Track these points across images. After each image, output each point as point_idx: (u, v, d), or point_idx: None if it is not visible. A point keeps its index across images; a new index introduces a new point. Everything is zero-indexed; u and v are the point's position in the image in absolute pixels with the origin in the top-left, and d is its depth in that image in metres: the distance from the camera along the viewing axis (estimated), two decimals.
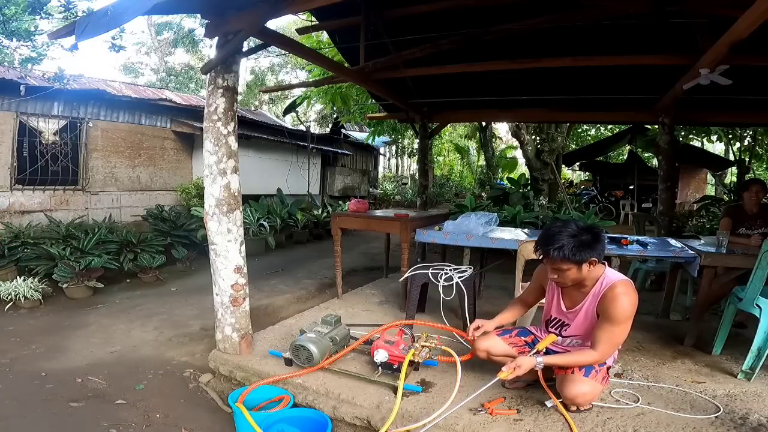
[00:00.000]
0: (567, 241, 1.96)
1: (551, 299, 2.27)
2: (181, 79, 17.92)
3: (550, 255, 1.99)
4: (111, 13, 1.86)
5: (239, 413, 2.12)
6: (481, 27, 3.66)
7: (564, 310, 2.21)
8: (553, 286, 2.24)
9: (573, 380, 2.06)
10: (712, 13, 2.94)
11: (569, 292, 2.19)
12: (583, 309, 2.13)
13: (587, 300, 2.11)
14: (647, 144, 9.19)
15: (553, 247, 1.97)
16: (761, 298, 2.54)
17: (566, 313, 2.21)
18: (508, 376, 1.99)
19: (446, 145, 18.94)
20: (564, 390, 2.07)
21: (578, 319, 2.15)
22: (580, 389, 2.03)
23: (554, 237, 1.99)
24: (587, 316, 2.13)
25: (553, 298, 2.26)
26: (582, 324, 2.15)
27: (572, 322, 2.18)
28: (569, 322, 2.20)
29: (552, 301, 2.27)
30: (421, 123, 6.08)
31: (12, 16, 5.30)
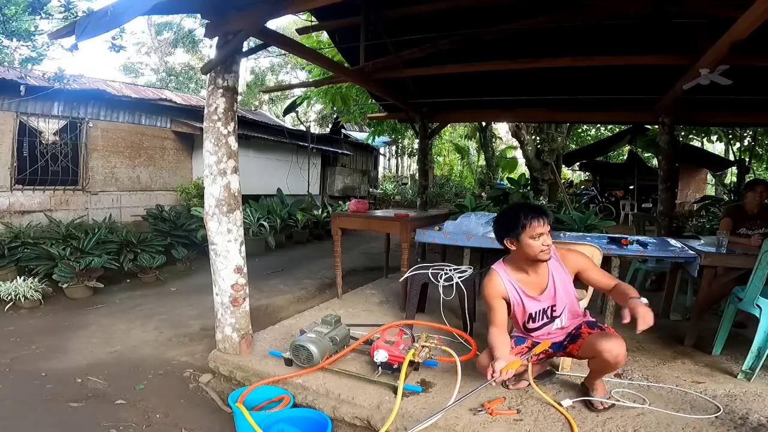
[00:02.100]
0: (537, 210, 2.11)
1: (519, 302, 2.22)
2: (181, 79, 17.93)
3: (549, 218, 2.08)
4: (111, 13, 1.86)
5: (239, 413, 2.12)
6: (481, 27, 3.66)
7: (539, 297, 2.20)
8: (516, 290, 2.20)
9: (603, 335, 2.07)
10: (712, 13, 2.94)
11: (530, 282, 2.21)
12: (557, 282, 2.18)
13: (552, 274, 2.19)
14: (647, 144, 9.20)
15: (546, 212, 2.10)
16: (761, 298, 2.54)
17: (543, 299, 2.20)
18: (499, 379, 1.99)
19: (446, 145, 18.94)
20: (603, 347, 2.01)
21: (558, 294, 2.19)
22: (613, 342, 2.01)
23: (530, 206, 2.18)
24: (565, 286, 2.20)
25: (521, 301, 2.21)
26: (564, 296, 2.21)
27: (556, 300, 2.20)
28: (553, 302, 2.21)
29: (521, 303, 2.21)
30: (421, 123, 6.08)
31: (12, 16, 5.30)
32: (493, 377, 1.96)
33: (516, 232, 2.08)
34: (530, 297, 2.20)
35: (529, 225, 2.03)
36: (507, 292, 2.20)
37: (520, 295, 2.20)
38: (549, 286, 2.18)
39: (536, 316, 2.23)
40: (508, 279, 2.21)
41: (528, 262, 2.16)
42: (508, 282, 2.21)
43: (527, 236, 2.05)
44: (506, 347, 2.16)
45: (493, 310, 2.23)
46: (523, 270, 2.20)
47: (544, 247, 2.07)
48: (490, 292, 2.23)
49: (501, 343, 2.15)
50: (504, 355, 2.08)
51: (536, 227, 2.03)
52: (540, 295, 2.20)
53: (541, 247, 2.06)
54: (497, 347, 2.13)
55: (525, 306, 2.21)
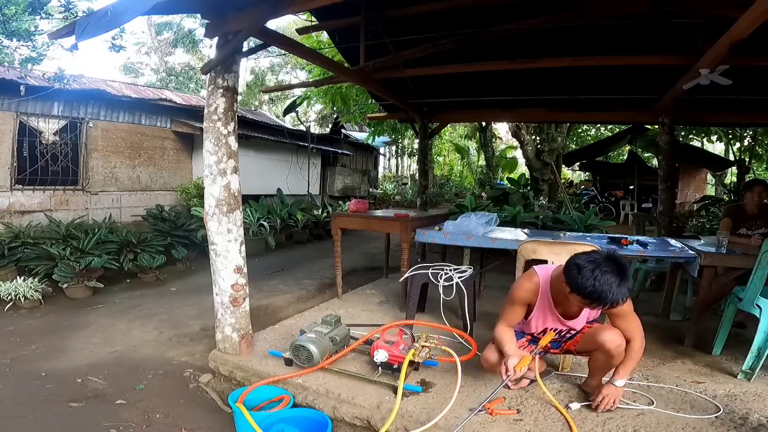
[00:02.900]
0: (625, 284, 1.85)
1: (542, 316, 2.19)
2: (181, 79, 17.93)
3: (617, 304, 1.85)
4: (111, 13, 1.86)
5: (239, 413, 2.12)
6: (481, 27, 3.66)
7: (564, 320, 2.17)
8: (547, 304, 2.15)
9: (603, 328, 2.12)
10: (712, 13, 2.94)
11: (564, 305, 2.13)
12: (588, 312, 2.16)
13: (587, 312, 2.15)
14: (647, 144, 9.20)
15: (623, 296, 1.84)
16: (761, 298, 2.54)
17: (567, 323, 2.18)
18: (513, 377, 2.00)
19: (446, 145, 18.94)
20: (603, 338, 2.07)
21: (579, 322, 2.18)
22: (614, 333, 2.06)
23: (624, 283, 1.83)
24: (589, 319, 2.21)
25: (545, 314, 2.18)
26: (583, 325, 2.21)
27: (577, 325, 2.19)
28: (574, 327, 2.20)
29: (543, 315, 2.19)
30: (421, 123, 6.08)
31: (12, 16, 5.30)
32: (508, 376, 1.95)
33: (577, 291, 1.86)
34: (555, 316, 2.16)
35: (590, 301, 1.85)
36: (536, 301, 2.16)
37: (546, 310, 2.16)
38: (581, 316, 2.16)
39: (550, 331, 2.23)
40: (545, 290, 2.14)
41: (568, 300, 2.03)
42: (544, 293, 2.14)
43: (579, 300, 1.90)
44: (514, 343, 2.18)
45: (511, 310, 2.20)
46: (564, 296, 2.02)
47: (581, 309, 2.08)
48: (520, 294, 2.17)
49: (509, 339, 2.16)
50: (514, 352, 2.08)
51: (595, 306, 1.90)
52: (567, 320, 2.17)
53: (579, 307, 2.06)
54: (506, 342, 2.13)
55: (546, 320, 2.19)
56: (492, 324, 3.37)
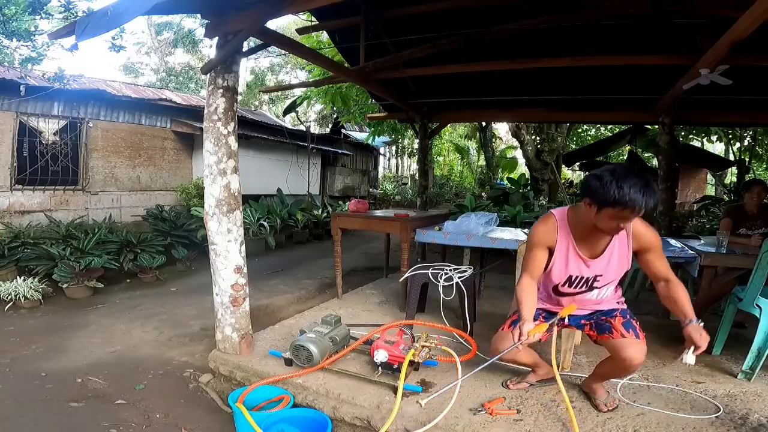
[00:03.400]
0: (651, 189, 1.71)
1: (564, 259, 2.00)
2: (181, 79, 17.92)
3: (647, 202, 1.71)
4: (111, 13, 1.86)
5: (239, 413, 2.12)
6: (481, 27, 3.66)
7: (588, 262, 1.98)
8: (568, 244, 1.97)
9: (634, 344, 1.95)
10: (712, 13, 2.94)
11: (586, 243, 1.97)
12: (615, 254, 1.97)
13: (615, 244, 1.96)
14: (647, 144, 9.18)
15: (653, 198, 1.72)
16: (761, 298, 2.54)
17: (592, 265, 1.99)
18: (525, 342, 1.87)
19: (446, 145, 18.93)
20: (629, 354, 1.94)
21: (611, 264, 1.98)
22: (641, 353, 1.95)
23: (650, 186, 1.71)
24: (621, 258, 1.98)
25: (566, 259, 1.99)
26: (616, 268, 2.00)
27: (604, 270, 1.99)
28: (601, 272, 1.99)
29: (565, 261, 2.00)
30: (421, 123, 6.08)
31: (12, 16, 5.29)
32: (520, 340, 1.83)
33: (604, 202, 1.73)
34: (579, 257, 1.97)
35: (622, 208, 1.70)
36: (556, 242, 1.98)
37: (569, 251, 1.97)
38: (605, 254, 1.96)
39: (576, 282, 2.04)
40: (565, 228, 1.98)
41: (593, 226, 1.88)
42: (564, 232, 1.97)
43: (609, 214, 1.75)
44: (534, 305, 1.99)
45: (532, 257, 2.02)
46: (585, 228, 1.93)
47: (616, 231, 1.84)
48: (538, 236, 2.00)
49: (529, 300, 1.98)
50: (530, 316, 1.93)
51: (627, 215, 1.72)
52: (591, 260, 1.98)
53: (613, 230, 1.83)
54: (525, 302, 1.96)
55: (569, 266, 1.99)
56: (492, 324, 3.38)
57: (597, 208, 1.78)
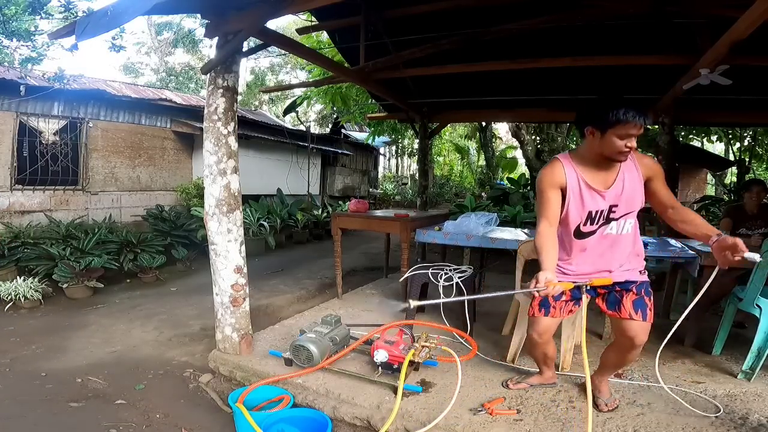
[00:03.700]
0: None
1: (578, 197, 1.94)
2: (181, 79, 17.92)
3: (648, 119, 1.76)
4: (111, 13, 1.86)
5: (239, 413, 2.12)
6: (481, 27, 3.66)
7: (603, 192, 1.92)
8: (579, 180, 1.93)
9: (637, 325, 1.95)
10: (712, 13, 2.94)
11: (596, 176, 1.93)
12: (627, 182, 1.92)
13: (623, 172, 1.92)
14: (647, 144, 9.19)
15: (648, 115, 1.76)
16: (761, 298, 2.54)
17: (607, 196, 1.93)
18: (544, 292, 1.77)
19: (446, 145, 18.93)
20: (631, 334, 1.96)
21: (625, 194, 1.92)
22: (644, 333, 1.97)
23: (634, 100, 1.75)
24: (634, 187, 1.93)
25: (580, 195, 1.93)
26: (630, 197, 1.93)
27: (618, 199, 1.92)
28: (616, 201, 1.93)
29: (579, 198, 1.94)
30: (421, 123, 6.08)
31: (12, 16, 5.30)
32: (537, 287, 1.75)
33: (605, 123, 1.76)
34: (593, 190, 1.92)
35: (623, 123, 1.73)
36: (566, 181, 1.92)
37: (581, 186, 1.92)
38: (616, 183, 1.91)
39: (595, 217, 1.95)
40: (571, 168, 1.94)
41: (600, 157, 1.88)
42: (571, 170, 1.93)
43: (615, 133, 1.76)
44: (555, 254, 1.92)
45: (545, 201, 1.95)
46: (591, 163, 1.92)
47: (626, 150, 1.79)
48: (546, 179, 1.94)
49: (550, 248, 1.90)
50: (551, 266, 1.85)
51: (630, 127, 1.74)
52: (604, 191, 1.92)
53: (623, 149, 1.79)
54: (546, 251, 1.88)
55: (584, 201, 1.93)
56: (492, 324, 3.39)
57: (601, 133, 1.80)
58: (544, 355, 2.29)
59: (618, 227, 1.98)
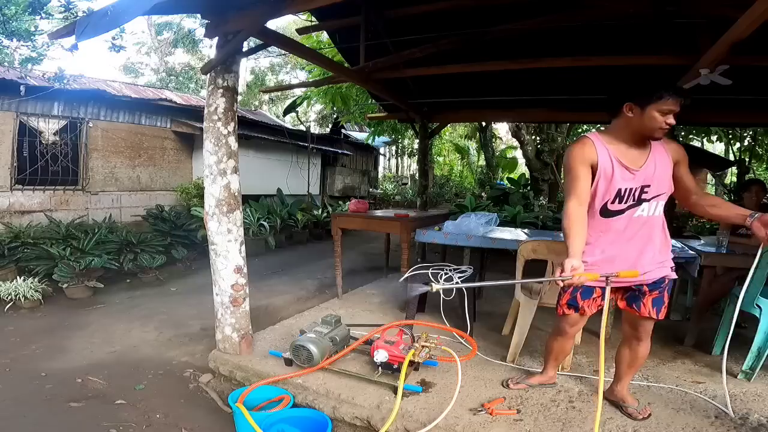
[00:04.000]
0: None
1: (609, 173, 1.87)
2: (181, 79, 17.91)
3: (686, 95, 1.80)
4: (111, 13, 1.86)
5: (239, 413, 2.12)
6: (481, 27, 3.66)
7: (634, 171, 1.87)
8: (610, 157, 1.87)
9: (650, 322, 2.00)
10: (712, 13, 2.94)
11: (627, 154, 1.88)
12: (658, 163, 1.89)
13: (653, 151, 1.90)
14: None
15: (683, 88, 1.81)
16: (761, 298, 2.54)
17: (638, 174, 1.87)
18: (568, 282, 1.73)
19: (446, 145, 18.92)
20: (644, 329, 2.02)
21: (657, 176, 1.88)
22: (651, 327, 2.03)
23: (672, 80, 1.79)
24: (664, 168, 1.90)
25: (612, 172, 1.86)
26: (661, 178, 1.89)
27: (651, 179, 1.87)
28: (648, 182, 1.88)
29: (610, 174, 1.87)
30: (421, 123, 6.08)
31: (12, 16, 5.30)
32: (562, 276, 1.70)
33: (647, 99, 1.77)
34: (625, 167, 1.86)
35: (666, 98, 1.75)
36: (597, 157, 1.86)
37: (613, 163, 1.86)
38: (648, 163, 1.87)
39: (625, 195, 1.88)
40: (602, 145, 1.88)
41: (634, 135, 1.86)
42: (602, 148, 1.87)
43: (656, 108, 1.76)
44: (583, 239, 1.84)
45: (575, 178, 1.88)
46: (624, 142, 1.89)
47: (665, 127, 1.79)
48: (576, 155, 1.88)
49: (579, 230, 1.83)
50: (578, 252, 1.78)
51: (672, 104, 1.76)
52: (637, 170, 1.87)
53: (663, 125, 1.78)
54: (574, 235, 1.81)
55: (615, 178, 1.86)
56: (492, 324, 3.39)
57: (641, 109, 1.79)
58: (562, 351, 2.30)
59: (650, 209, 1.91)
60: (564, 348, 2.30)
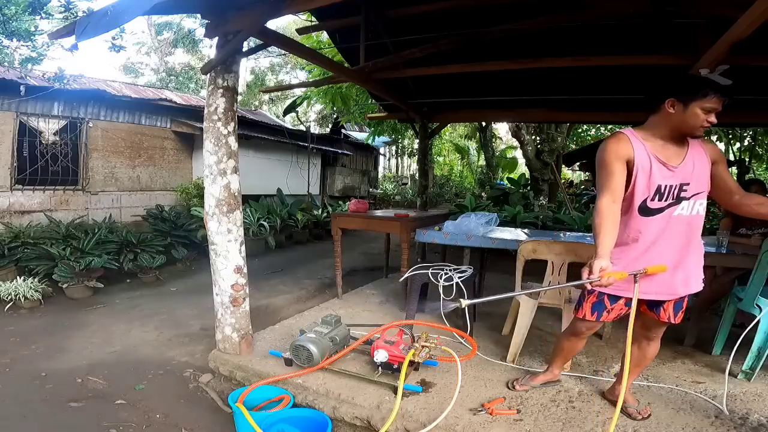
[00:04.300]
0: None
1: (647, 170, 1.80)
2: (181, 79, 17.91)
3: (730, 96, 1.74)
4: (111, 13, 1.86)
5: (239, 413, 2.12)
6: (481, 27, 3.66)
7: (673, 167, 1.80)
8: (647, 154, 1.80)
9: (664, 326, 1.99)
10: (712, 13, 2.94)
11: (665, 151, 1.82)
12: (695, 160, 1.83)
13: (691, 149, 1.83)
14: None
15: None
16: (761, 298, 2.54)
17: (676, 170, 1.80)
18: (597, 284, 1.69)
19: (446, 145, 18.93)
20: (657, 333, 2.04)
21: (695, 171, 1.81)
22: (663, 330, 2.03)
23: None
24: (703, 167, 1.84)
25: (649, 168, 1.79)
26: (700, 177, 1.83)
27: (690, 177, 1.81)
28: (687, 180, 1.81)
29: (648, 171, 1.80)
30: (421, 123, 6.08)
31: (12, 16, 5.30)
32: (590, 278, 1.65)
33: (691, 95, 1.71)
34: (663, 164, 1.79)
35: (711, 96, 1.70)
36: (634, 154, 1.79)
37: (651, 159, 1.79)
38: (686, 160, 1.81)
39: (665, 193, 1.81)
40: (639, 141, 1.82)
41: (672, 132, 1.80)
42: (639, 144, 1.81)
43: (700, 105, 1.71)
44: (613, 238, 1.78)
45: (609, 173, 1.81)
46: (661, 139, 1.83)
47: (706, 125, 1.74)
48: (611, 151, 1.81)
49: (610, 229, 1.76)
50: (607, 252, 1.72)
51: (715, 102, 1.70)
52: (676, 167, 1.80)
53: (704, 123, 1.73)
54: (604, 235, 1.75)
55: (653, 175, 1.79)
56: (492, 324, 3.39)
57: (684, 106, 1.74)
58: (572, 351, 2.29)
59: (689, 207, 1.84)
60: (575, 348, 2.29)
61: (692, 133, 1.79)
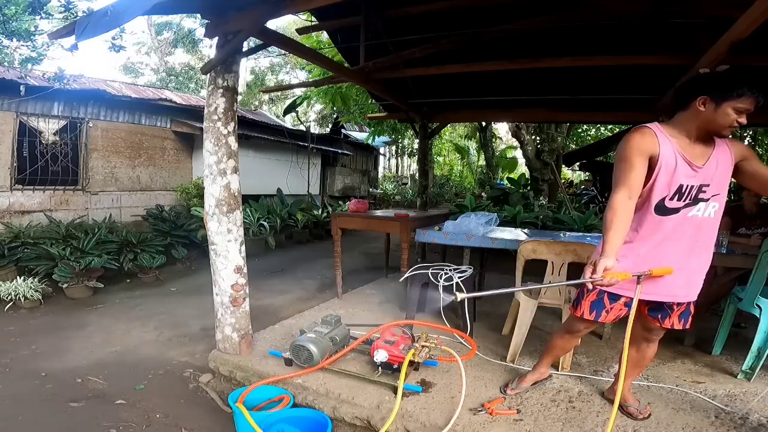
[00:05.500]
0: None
1: (672, 167, 1.73)
2: (181, 79, 17.91)
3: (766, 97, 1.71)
4: (111, 13, 1.86)
5: (239, 413, 2.12)
6: (480, 27, 3.66)
7: (697, 167, 1.75)
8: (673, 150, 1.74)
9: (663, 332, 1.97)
10: (712, 13, 2.94)
11: (691, 148, 1.76)
12: (719, 161, 1.77)
13: (716, 149, 1.78)
14: None
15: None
16: (761, 298, 2.54)
17: (700, 170, 1.75)
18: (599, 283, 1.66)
19: (446, 145, 18.93)
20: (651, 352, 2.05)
21: (717, 172, 1.76)
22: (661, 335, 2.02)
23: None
24: (725, 168, 1.78)
25: (674, 166, 1.73)
26: (722, 177, 1.78)
27: (711, 178, 1.76)
28: (708, 181, 1.75)
29: (673, 168, 1.73)
30: (421, 123, 6.08)
31: (12, 16, 5.31)
32: (592, 277, 1.62)
33: (725, 94, 1.66)
34: (689, 163, 1.73)
35: (746, 96, 1.66)
36: (659, 150, 1.72)
37: (677, 157, 1.72)
38: (711, 160, 1.75)
39: (685, 192, 1.75)
40: (664, 136, 1.74)
41: (700, 130, 1.74)
42: (665, 140, 1.74)
43: (732, 105, 1.66)
44: (623, 236, 1.72)
45: (629, 168, 1.72)
46: (687, 137, 1.76)
47: (736, 125, 1.70)
48: (635, 145, 1.73)
49: (620, 226, 1.70)
50: (614, 251, 1.67)
51: (748, 102, 1.66)
52: (700, 166, 1.75)
53: (733, 123, 1.69)
54: (614, 232, 1.69)
55: (677, 173, 1.73)
56: (492, 324, 3.39)
57: (716, 105, 1.68)
58: (564, 349, 2.29)
59: (705, 209, 1.78)
60: (567, 347, 2.29)
61: (719, 133, 1.74)
